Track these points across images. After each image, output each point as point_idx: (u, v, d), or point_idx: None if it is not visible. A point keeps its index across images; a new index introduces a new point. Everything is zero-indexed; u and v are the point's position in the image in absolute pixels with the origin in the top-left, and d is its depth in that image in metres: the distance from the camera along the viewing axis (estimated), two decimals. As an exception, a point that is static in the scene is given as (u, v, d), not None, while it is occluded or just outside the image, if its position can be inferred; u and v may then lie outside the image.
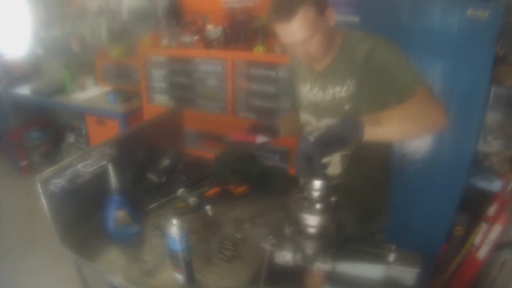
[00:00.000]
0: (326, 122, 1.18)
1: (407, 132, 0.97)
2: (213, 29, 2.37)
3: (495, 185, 1.83)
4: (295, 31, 1.00)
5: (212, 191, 1.46)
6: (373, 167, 1.20)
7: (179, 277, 1.02)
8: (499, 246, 1.72)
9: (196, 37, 2.34)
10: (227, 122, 2.37)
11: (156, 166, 1.58)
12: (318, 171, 0.83)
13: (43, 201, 1.13)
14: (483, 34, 1.54)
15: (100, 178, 1.28)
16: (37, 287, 2.25)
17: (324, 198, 0.83)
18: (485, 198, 1.83)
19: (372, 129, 0.89)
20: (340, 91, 1.12)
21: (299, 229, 0.84)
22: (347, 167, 1.19)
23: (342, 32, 1.12)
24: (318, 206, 0.82)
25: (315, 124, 1.23)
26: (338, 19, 1.06)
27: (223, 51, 2.24)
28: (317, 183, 0.82)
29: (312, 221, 0.82)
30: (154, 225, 1.29)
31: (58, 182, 1.18)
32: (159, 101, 2.68)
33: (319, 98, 1.19)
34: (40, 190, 1.12)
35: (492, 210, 1.76)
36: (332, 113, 1.16)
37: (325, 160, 1.05)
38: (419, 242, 1.42)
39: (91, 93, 3.10)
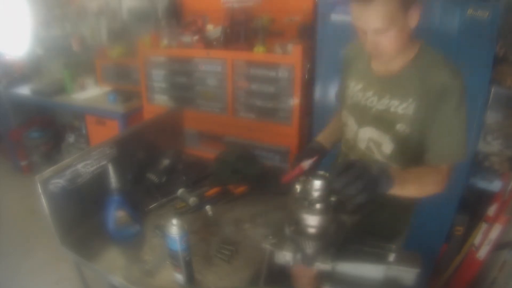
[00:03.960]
0: (369, 131, 1.10)
1: (418, 194, 1.02)
2: (213, 29, 2.37)
3: (495, 185, 1.83)
4: (370, 17, 0.90)
5: (212, 191, 1.46)
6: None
7: (179, 277, 1.02)
8: (499, 246, 1.72)
9: (196, 37, 2.34)
10: (227, 122, 2.37)
11: (156, 166, 1.58)
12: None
13: (43, 201, 1.13)
14: (483, 34, 1.54)
15: (100, 178, 1.27)
16: (37, 287, 2.25)
17: (324, 198, 0.83)
18: (485, 198, 1.83)
19: (397, 187, 0.87)
20: (397, 106, 1.01)
21: (299, 229, 0.84)
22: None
23: (419, 41, 1.03)
24: (318, 206, 0.82)
25: (354, 130, 1.15)
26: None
27: (223, 51, 2.24)
28: (317, 183, 0.82)
29: (312, 221, 0.82)
30: (154, 225, 1.29)
31: (58, 182, 1.18)
32: (159, 101, 2.68)
33: (370, 103, 1.08)
34: (40, 190, 1.12)
35: (492, 210, 1.76)
36: (378, 125, 1.07)
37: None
38: (419, 242, 1.41)
39: (91, 93, 3.10)
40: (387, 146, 1.08)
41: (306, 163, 1.15)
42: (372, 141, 1.11)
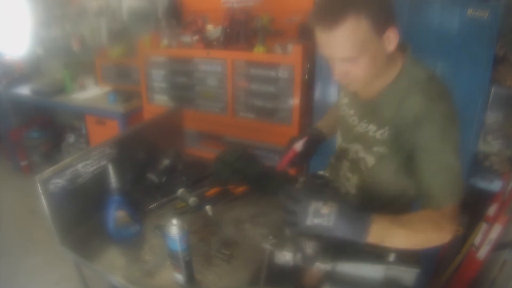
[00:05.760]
0: (355, 148, 1.05)
1: (411, 246, 0.84)
2: (213, 29, 2.37)
3: (495, 185, 1.82)
4: (337, 45, 0.77)
5: (212, 191, 1.46)
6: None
7: (179, 277, 1.02)
8: (499, 246, 1.72)
9: (196, 37, 2.34)
10: (227, 122, 2.37)
11: (156, 166, 1.58)
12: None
13: (43, 201, 1.13)
14: (483, 34, 1.55)
15: (100, 178, 1.28)
16: (37, 287, 2.25)
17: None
18: (485, 198, 1.83)
19: (378, 238, 0.79)
20: (375, 131, 0.95)
21: (299, 229, 0.84)
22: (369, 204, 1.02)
23: (403, 55, 0.89)
24: (318, 206, 0.82)
25: (340, 144, 1.13)
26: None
27: (223, 51, 2.24)
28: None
29: (312, 221, 0.82)
30: (154, 225, 1.29)
31: (58, 182, 1.17)
32: (159, 101, 2.68)
33: (352, 122, 1.04)
34: (40, 190, 1.12)
35: (492, 210, 1.76)
36: (362, 143, 1.02)
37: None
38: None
39: (91, 93, 3.10)
40: (369, 160, 1.01)
41: (298, 145, 1.14)
42: (356, 154, 1.06)
